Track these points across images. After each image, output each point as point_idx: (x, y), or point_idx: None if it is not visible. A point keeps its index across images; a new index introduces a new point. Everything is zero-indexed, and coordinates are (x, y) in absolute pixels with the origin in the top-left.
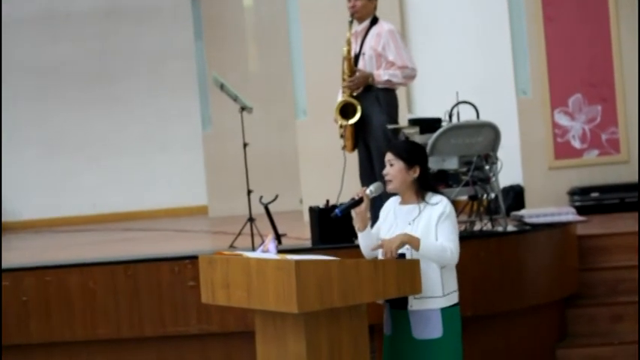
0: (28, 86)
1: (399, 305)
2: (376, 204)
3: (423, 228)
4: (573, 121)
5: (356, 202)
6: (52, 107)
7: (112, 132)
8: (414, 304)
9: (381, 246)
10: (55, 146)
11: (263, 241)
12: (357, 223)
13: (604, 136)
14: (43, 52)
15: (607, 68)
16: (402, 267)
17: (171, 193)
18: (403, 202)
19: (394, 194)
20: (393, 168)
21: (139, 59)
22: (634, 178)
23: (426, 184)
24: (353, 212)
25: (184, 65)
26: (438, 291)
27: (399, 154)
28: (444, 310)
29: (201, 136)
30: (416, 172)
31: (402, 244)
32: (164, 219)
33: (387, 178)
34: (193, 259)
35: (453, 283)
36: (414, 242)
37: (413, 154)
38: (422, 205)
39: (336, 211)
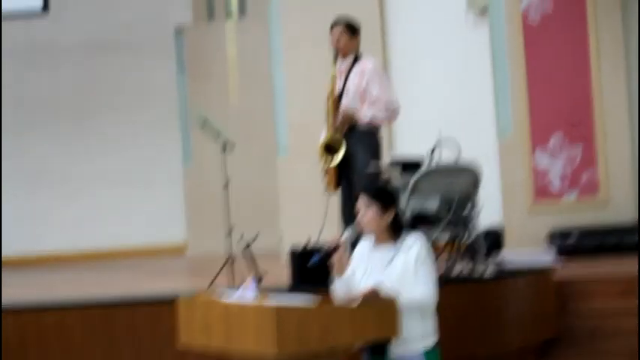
0: (7, 118)
1: (378, 351)
2: (353, 246)
3: (400, 270)
4: (553, 162)
5: (333, 250)
6: (31, 140)
7: (91, 167)
8: (394, 348)
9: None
10: (34, 181)
11: (243, 282)
12: (335, 269)
13: (584, 178)
14: (24, 84)
15: (588, 108)
16: (381, 311)
17: (150, 229)
18: (377, 244)
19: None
20: (368, 212)
21: (120, 93)
22: (613, 221)
23: (400, 225)
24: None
25: (166, 100)
26: (417, 333)
27: (373, 198)
28: (426, 353)
29: (182, 172)
30: (391, 215)
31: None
32: (143, 256)
33: (362, 222)
34: (172, 300)
35: (432, 325)
36: (388, 299)
37: (387, 198)
38: (396, 247)
39: (313, 259)
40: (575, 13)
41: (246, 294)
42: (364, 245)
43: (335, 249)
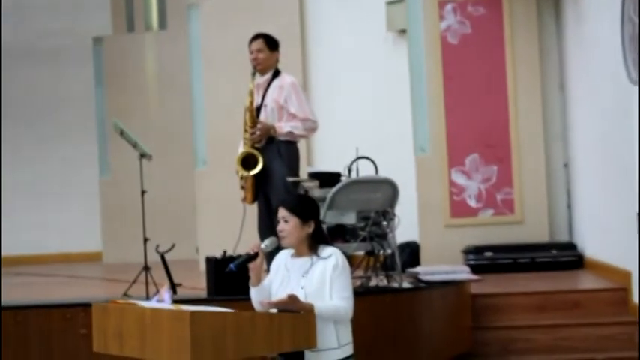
0: None
1: None
2: (271, 257)
3: (317, 280)
4: (469, 180)
5: (251, 257)
6: None
7: (6, 174)
8: (310, 357)
9: (273, 306)
10: None
11: (158, 291)
12: (251, 278)
13: (499, 197)
14: None
15: (504, 130)
16: (297, 321)
17: (65, 238)
18: (296, 254)
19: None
20: (288, 224)
21: (36, 102)
22: (527, 239)
23: (319, 237)
24: (248, 266)
25: (84, 109)
26: (333, 343)
27: (293, 211)
28: None
29: (99, 183)
30: (310, 227)
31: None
32: (57, 264)
33: (281, 234)
34: (86, 306)
35: (347, 335)
36: (306, 309)
37: (307, 210)
38: (314, 257)
39: (231, 265)
40: (493, 35)
41: (160, 304)
42: (282, 256)
43: (253, 257)
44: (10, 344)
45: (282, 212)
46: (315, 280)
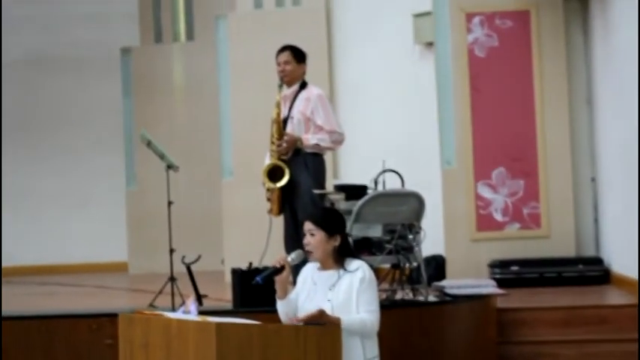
0: None
1: None
2: (297, 270)
3: (344, 294)
4: (496, 194)
5: (277, 270)
6: None
7: (33, 183)
8: None
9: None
10: None
11: (184, 302)
12: (277, 291)
13: (525, 211)
14: None
15: (531, 143)
16: (324, 334)
17: (91, 248)
18: (322, 268)
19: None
20: (314, 238)
21: (64, 111)
22: (553, 253)
23: (346, 250)
24: (274, 279)
25: (111, 120)
26: (359, 357)
27: (319, 224)
28: None
29: (125, 193)
30: (337, 241)
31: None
32: (83, 274)
33: (308, 248)
34: (112, 316)
35: (374, 349)
36: (333, 322)
37: (333, 223)
38: (341, 271)
39: (257, 278)
40: (520, 48)
41: (186, 315)
42: (309, 269)
43: (280, 270)
44: (36, 354)
45: (308, 225)
46: (341, 293)
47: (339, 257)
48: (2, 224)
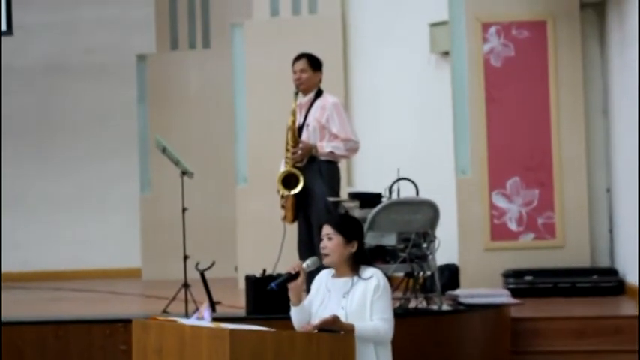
0: None
1: None
2: (311, 277)
3: (358, 301)
4: (510, 203)
5: (292, 277)
6: None
7: (47, 189)
8: None
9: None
10: None
11: (197, 308)
12: (291, 297)
13: (540, 220)
14: None
15: (546, 153)
16: (337, 341)
17: (105, 253)
18: (337, 275)
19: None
20: (332, 242)
21: (80, 116)
22: (568, 263)
23: (361, 258)
24: (288, 285)
25: (126, 126)
26: None
27: (338, 228)
28: None
29: (139, 199)
30: (354, 247)
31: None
32: (97, 279)
33: (324, 251)
34: (126, 322)
35: (387, 356)
36: (347, 330)
37: (352, 229)
38: (355, 278)
39: (272, 284)
40: (536, 58)
41: (199, 322)
42: (323, 276)
43: (294, 276)
44: (50, 359)
45: (326, 229)
46: (355, 300)
47: (355, 264)
48: (17, 230)
